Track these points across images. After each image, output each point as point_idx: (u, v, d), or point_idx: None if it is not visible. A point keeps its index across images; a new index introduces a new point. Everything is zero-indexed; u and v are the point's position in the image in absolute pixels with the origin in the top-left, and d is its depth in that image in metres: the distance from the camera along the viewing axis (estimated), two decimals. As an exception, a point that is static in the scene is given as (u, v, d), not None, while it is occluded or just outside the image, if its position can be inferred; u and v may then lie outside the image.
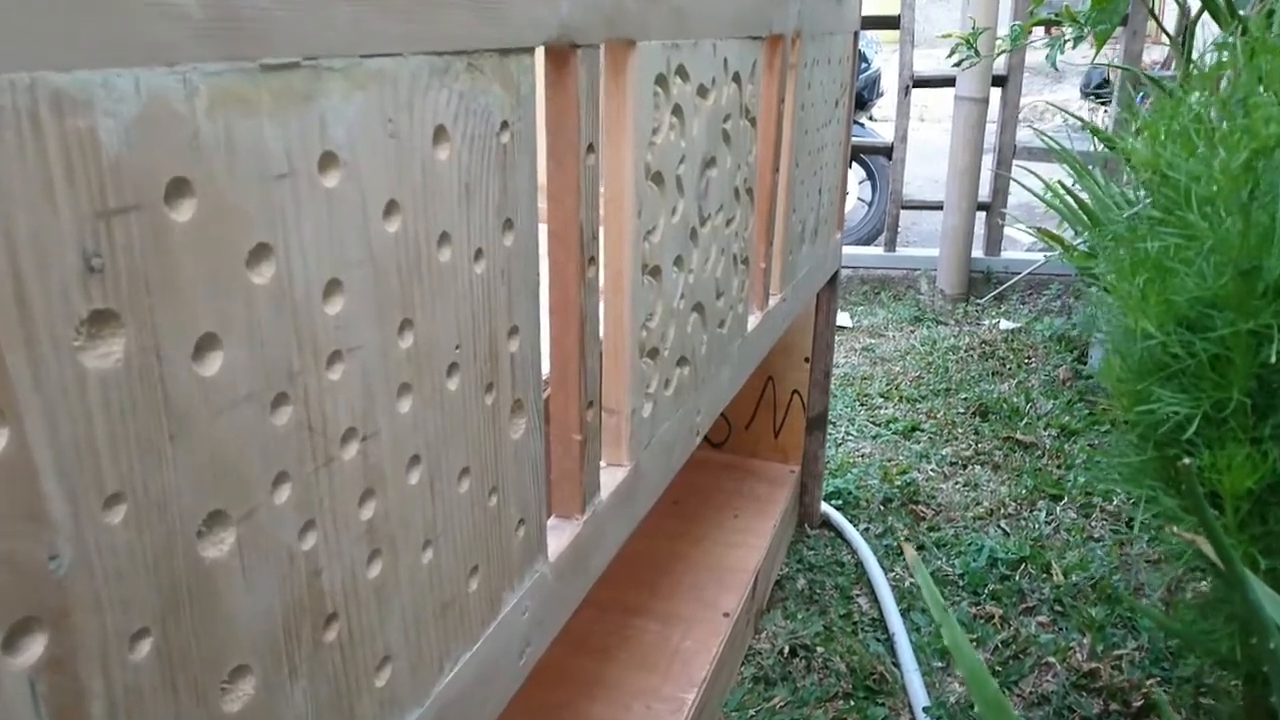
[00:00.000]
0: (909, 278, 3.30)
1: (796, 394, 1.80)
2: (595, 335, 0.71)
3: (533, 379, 0.62)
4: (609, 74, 0.72)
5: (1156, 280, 0.66)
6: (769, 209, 1.18)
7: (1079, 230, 2.61)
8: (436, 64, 0.47)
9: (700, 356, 0.97)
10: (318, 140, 0.40)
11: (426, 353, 0.50)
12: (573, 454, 0.71)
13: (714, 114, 0.90)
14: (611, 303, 0.77)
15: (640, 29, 0.71)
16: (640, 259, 0.78)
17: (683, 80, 0.82)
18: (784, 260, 1.29)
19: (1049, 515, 1.87)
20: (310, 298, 0.41)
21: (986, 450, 2.13)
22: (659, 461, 0.88)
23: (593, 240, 0.68)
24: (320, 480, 0.43)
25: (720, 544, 1.58)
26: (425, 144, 0.47)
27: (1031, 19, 1.82)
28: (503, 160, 0.55)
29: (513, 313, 0.58)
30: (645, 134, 0.75)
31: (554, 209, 0.66)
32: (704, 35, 0.85)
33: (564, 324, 0.68)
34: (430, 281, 0.49)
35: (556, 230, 0.66)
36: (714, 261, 0.97)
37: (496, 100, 0.53)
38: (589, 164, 0.66)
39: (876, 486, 1.96)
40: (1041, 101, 6.99)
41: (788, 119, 1.21)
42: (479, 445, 0.56)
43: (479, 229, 0.53)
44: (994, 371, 2.55)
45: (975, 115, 3.00)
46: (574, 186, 0.65)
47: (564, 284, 0.67)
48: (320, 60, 0.40)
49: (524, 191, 0.58)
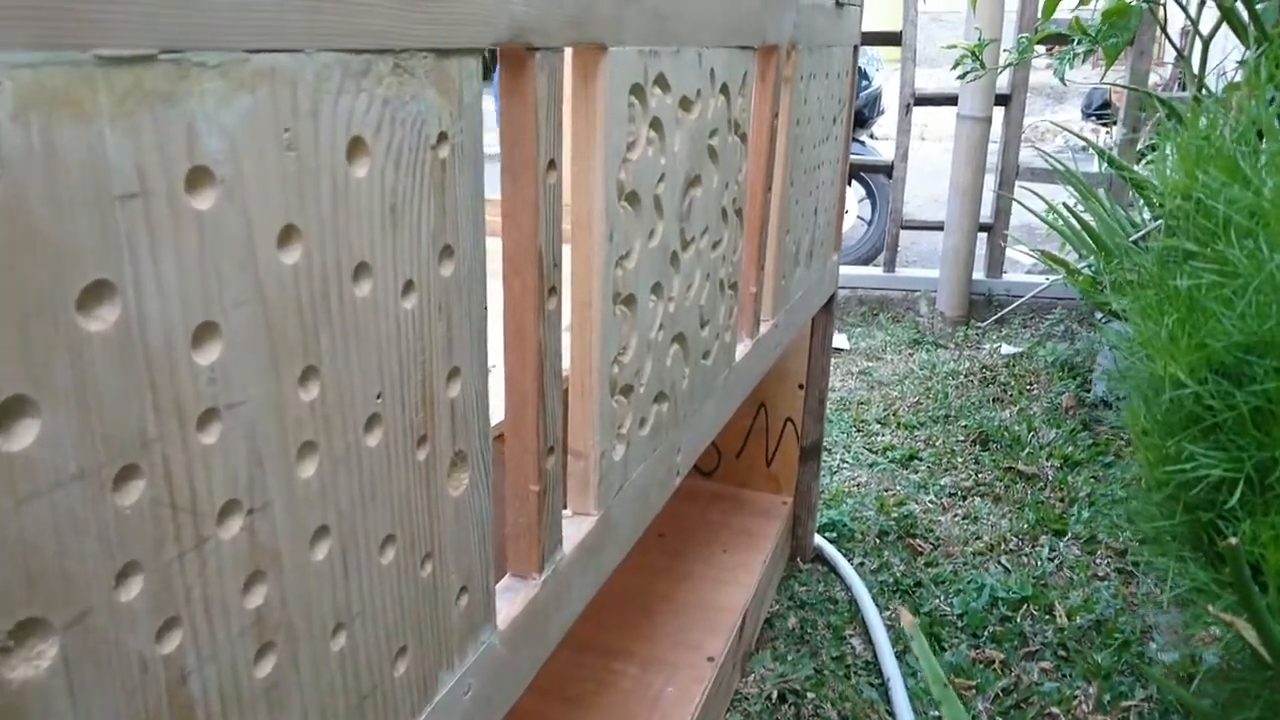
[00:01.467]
0: (908, 299, 3.23)
1: (790, 422, 1.73)
2: (557, 373, 0.63)
3: (478, 427, 0.54)
4: (577, 82, 0.65)
5: (1188, 321, 0.58)
6: (760, 230, 1.11)
7: (1083, 253, 2.54)
8: (352, 64, 0.40)
9: (681, 391, 0.89)
10: (183, 153, 0.32)
11: (338, 405, 0.42)
12: (529, 507, 0.63)
13: (699, 129, 0.83)
14: (578, 336, 0.69)
15: (612, 32, 0.64)
16: (612, 288, 0.70)
17: (663, 91, 0.74)
18: (776, 284, 1.21)
19: (1052, 551, 1.79)
20: (173, 346, 0.33)
21: (987, 481, 2.05)
22: (632, 508, 0.80)
23: (554, 268, 0.60)
24: (187, 567, 0.35)
25: (707, 581, 1.50)
26: (336, 159, 0.40)
27: (1040, 32, 1.75)
28: (439, 178, 0.47)
29: (453, 353, 0.50)
30: (618, 150, 0.68)
31: (510, 233, 0.58)
32: (687, 42, 0.77)
33: (520, 362, 0.60)
34: (343, 321, 0.41)
35: (512, 257, 0.58)
36: (698, 288, 0.90)
37: (431, 108, 0.46)
38: (550, 182, 0.58)
39: (873, 518, 1.88)
40: (1045, 122, 6.94)
41: (782, 135, 1.14)
42: (408, 508, 0.48)
43: (408, 258, 0.46)
44: (995, 398, 2.47)
45: (978, 134, 2.94)
46: (532, 207, 0.57)
47: (520, 317, 0.59)
48: (186, 54, 0.32)
49: (467, 213, 0.50)
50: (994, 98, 2.92)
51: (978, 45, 1.79)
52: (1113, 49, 1.69)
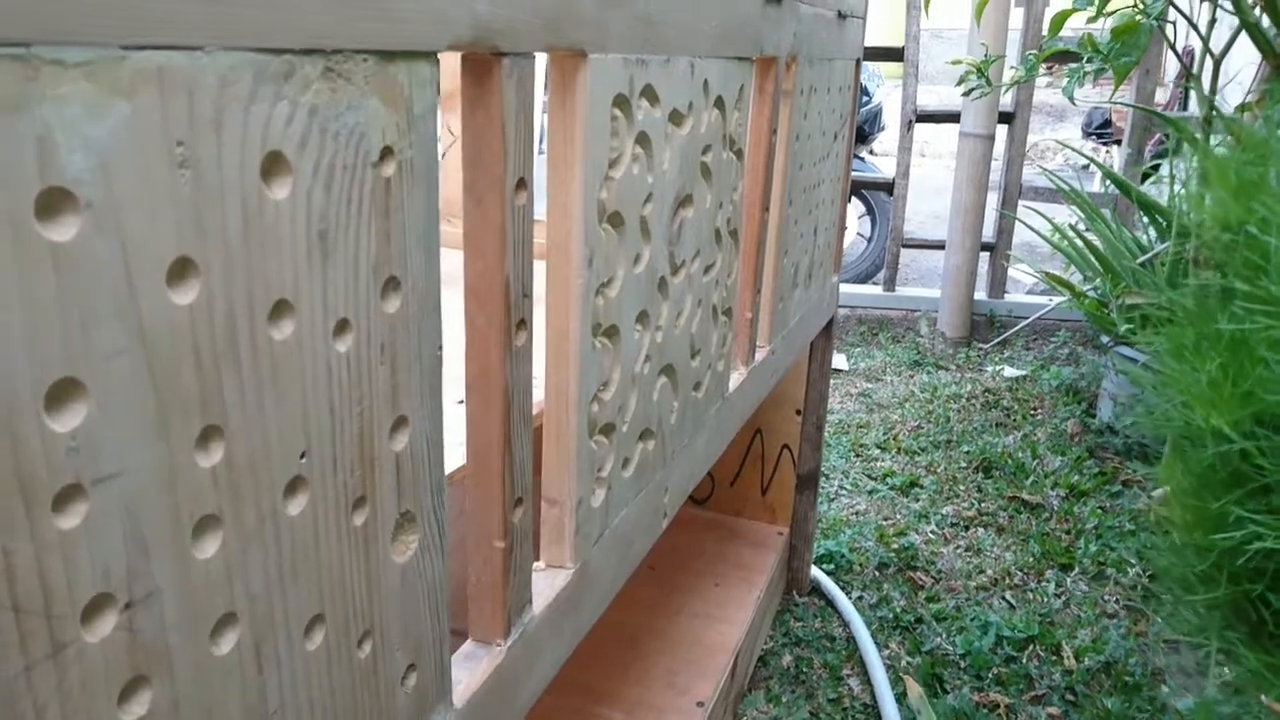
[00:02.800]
0: (909, 319, 3.17)
1: (786, 449, 1.66)
2: (526, 416, 0.56)
3: (430, 481, 0.47)
4: (554, 92, 0.58)
5: (1232, 367, 0.52)
6: (757, 252, 1.04)
7: (1088, 275, 2.48)
8: (270, 66, 0.34)
9: (669, 427, 0.83)
10: (34, 172, 0.26)
11: (249, 469, 0.35)
12: (494, 565, 0.56)
13: (690, 144, 0.77)
14: (554, 372, 0.63)
15: (594, 38, 0.58)
16: (591, 318, 0.64)
17: (650, 103, 0.68)
18: (773, 308, 1.15)
19: (1058, 587, 1.72)
20: (16, 409, 0.27)
21: (990, 511, 1.98)
22: (614, 557, 0.74)
23: (523, 299, 0.54)
24: (42, 679, 0.28)
25: (699, 617, 1.43)
26: (248, 178, 0.33)
27: (1048, 48, 1.69)
28: (383, 200, 0.41)
29: (399, 399, 0.44)
30: (600, 167, 0.62)
31: (473, 261, 0.52)
32: (678, 52, 0.71)
33: (484, 404, 0.54)
34: (255, 369, 0.35)
35: (475, 288, 0.52)
36: (688, 315, 0.83)
37: (373, 119, 0.39)
38: (519, 204, 0.52)
39: (872, 549, 1.81)
40: (1048, 140, 6.91)
41: (780, 152, 1.08)
42: (341, 582, 0.42)
43: (343, 293, 0.39)
44: (998, 423, 2.40)
45: (980, 152, 2.88)
46: (498, 233, 0.51)
47: (484, 354, 0.53)
48: (35, 48, 0.26)
49: (418, 240, 0.44)
50: (998, 115, 2.87)
51: (983, 62, 1.73)
52: (1123, 67, 1.63)
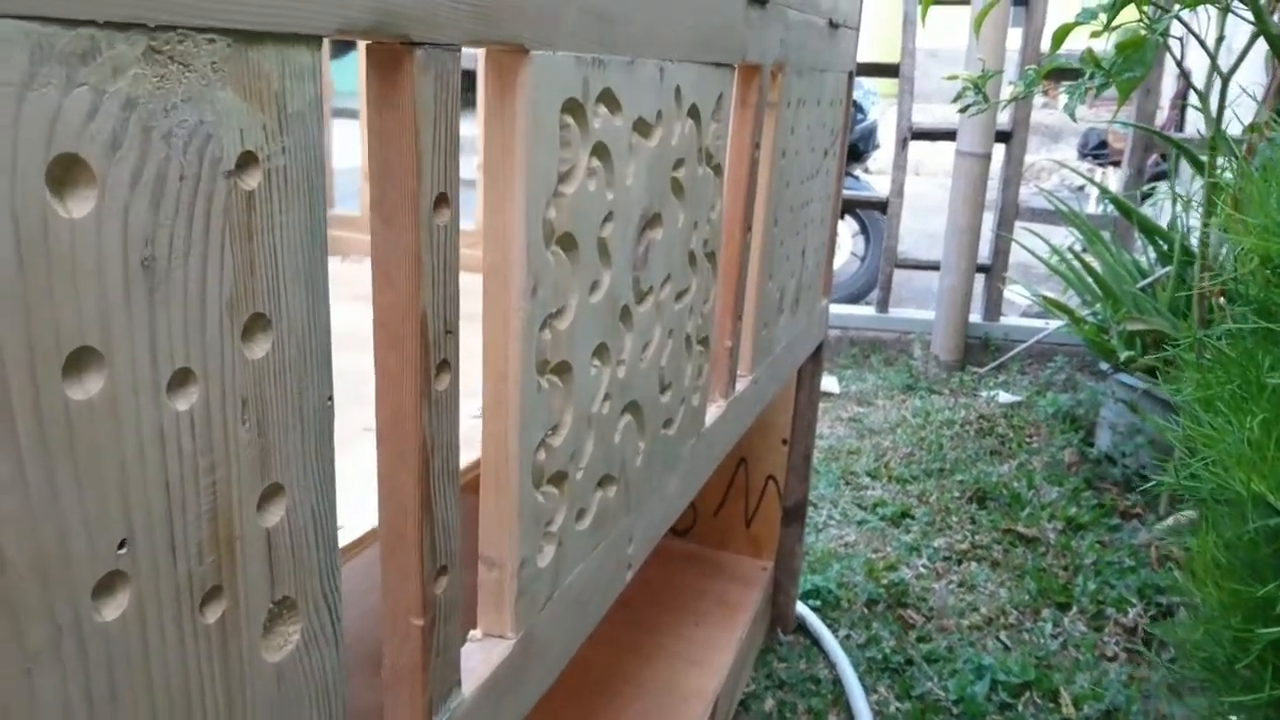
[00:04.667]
0: (901, 341, 3.09)
1: (772, 480, 1.58)
2: (451, 471, 0.48)
3: (317, 560, 0.39)
4: (490, 93, 0.50)
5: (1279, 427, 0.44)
6: (738, 276, 0.96)
7: (1087, 299, 2.41)
8: (56, 41, 0.25)
9: (634, 470, 0.74)
10: None
11: (36, 570, 0.27)
12: (411, 645, 0.48)
13: (659, 157, 0.69)
14: (492, 417, 0.55)
15: (538, 32, 0.50)
16: (537, 355, 0.56)
17: (610, 110, 0.60)
18: (756, 336, 1.07)
19: (1055, 627, 1.64)
20: None
21: (984, 544, 1.90)
22: (566, 621, 0.65)
23: (446, 336, 0.45)
24: None
25: (676, 659, 1.34)
26: (24, 189, 0.25)
27: (1049, 64, 1.62)
28: (243, 219, 0.33)
29: (270, 464, 0.36)
30: (547, 181, 0.53)
31: (382, 291, 0.43)
32: (645, 53, 0.63)
33: (397, 459, 0.45)
34: (42, 439, 0.27)
35: (385, 323, 0.44)
36: (657, 346, 0.75)
37: (226, 117, 0.31)
38: (439, 224, 0.44)
39: (861, 585, 1.73)
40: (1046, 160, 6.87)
41: (764, 168, 1.00)
42: (185, 696, 0.33)
43: (182, 337, 0.31)
44: (992, 450, 2.32)
45: (977, 172, 2.81)
46: (412, 259, 0.42)
47: (396, 401, 0.45)
48: None
49: (295, 268, 0.35)
50: (995, 134, 2.80)
51: (981, 77, 1.66)
52: (1127, 84, 1.56)
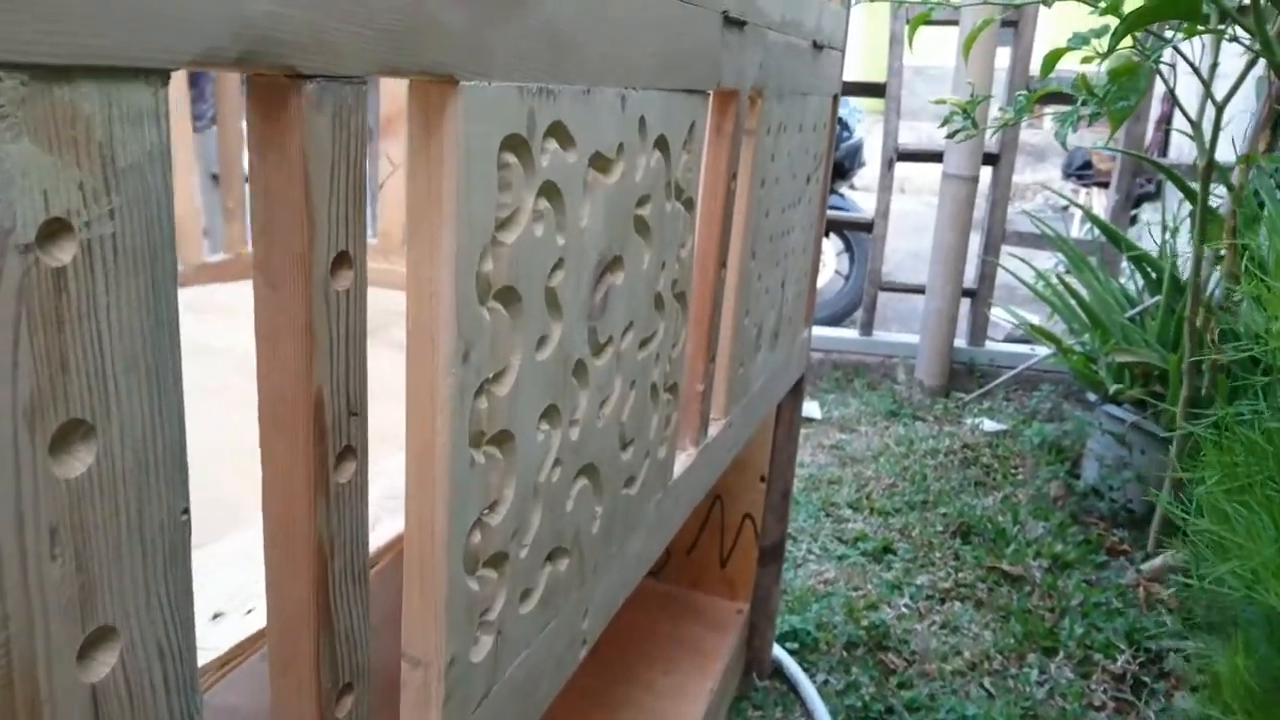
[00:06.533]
0: (885, 365, 3.04)
1: (749, 518, 1.51)
2: (357, 571, 0.41)
3: (171, 708, 0.32)
4: (414, 130, 0.43)
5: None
6: (711, 315, 0.90)
7: (1074, 327, 2.36)
8: None
9: (589, 538, 0.67)
10: None
11: None
12: (307, 779, 0.41)
13: (621, 195, 0.62)
14: (415, 498, 0.47)
15: (470, 59, 0.43)
16: (471, 426, 0.48)
17: (562, 145, 0.53)
18: (731, 377, 1.00)
19: (1041, 673, 1.57)
20: None
21: (968, 582, 1.83)
22: (508, 715, 0.58)
23: (349, 419, 0.38)
24: None
25: (643, 712, 1.27)
26: None
27: (1040, 89, 1.57)
28: (50, 303, 0.25)
29: (96, 604, 0.28)
30: (483, 230, 0.47)
31: (267, 368, 0.36)
32: (603, 81, 0.57)
33: (285, 564, 0.38)
34: None
35: (272, 405, 0.37)
36: (617, 400, 0.68)
37: (24, 176, 0.24)
38: (339, 289, 0.37)
39: (840, 626, 1.66)
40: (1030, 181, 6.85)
41: (741, 199, 0.93)
42: None
43: (-48, 462, 0.24)
44: (977, 481, 2.26)
45: (964, 194, 2.76)
46: (302, 331, 0.35)
47: (285, 497, 0.37)
48: None
49: (128, 357, 0.28)
50: (982, 156, 2.75)
51: (970, 102, 1.61)
52: (1120, 112, 1.51)
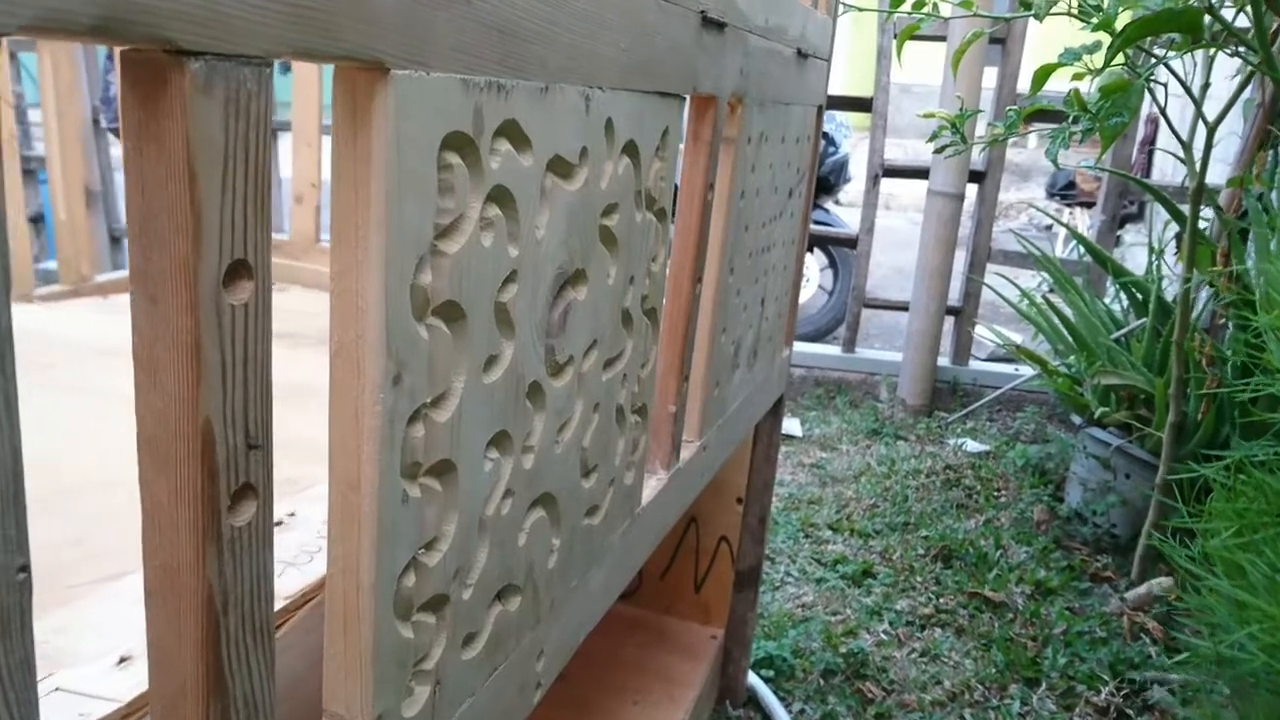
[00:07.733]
0: (868, 383, 3.00)
1: (725, 541, 1.46)
2: (260, 626, 0.36)
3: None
4: (338, 123, 0.38)
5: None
6: (685, 332, 0.85)
7: (1059, 348, 2.32)
8: None
9: (544, 573, 0.62)
10: None
11: None
12: None
13: (584, 203, 0.57)
14: (340, 538, 0.42)
15: (402, 44, 0.38)
16: (405, 457, 0.43)
17: (516, 147, 0.48)
18: (705, 397, 0.95)
19: (1024, 705, 1.53)
20: None
21: (949, 608, 1.79)
22: (446, 773, 0.53)
23: (248, 452, 0.33)
24: None
25: (610, 744, 1.22)
26: None
27: (1031, 105, 1.53)
28: None
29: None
30: (419, 237, 0.42)
31: (146, 395, 0.31)
32: (564, 79, 0.52)
33: (168, 622, 0.33)
34: None
35: (152, 438, 0.31)
36: (579, 424, 0.63)
37: None
38: (234, 302, 0.31)
39: (818, 653, 1.61)
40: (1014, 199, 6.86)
41: (719, 211, 0.88)
42: None
43: None
44: (959, 504, 2.22)
45: (949, 212, 2.73)
46: (185, 350, 0.30)
47: (170, 545, 0.32)
48: None
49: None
50: (968, 174, 2.73)
51: (959, 116, 1.57)
52: (1112, 130, 1.47)
